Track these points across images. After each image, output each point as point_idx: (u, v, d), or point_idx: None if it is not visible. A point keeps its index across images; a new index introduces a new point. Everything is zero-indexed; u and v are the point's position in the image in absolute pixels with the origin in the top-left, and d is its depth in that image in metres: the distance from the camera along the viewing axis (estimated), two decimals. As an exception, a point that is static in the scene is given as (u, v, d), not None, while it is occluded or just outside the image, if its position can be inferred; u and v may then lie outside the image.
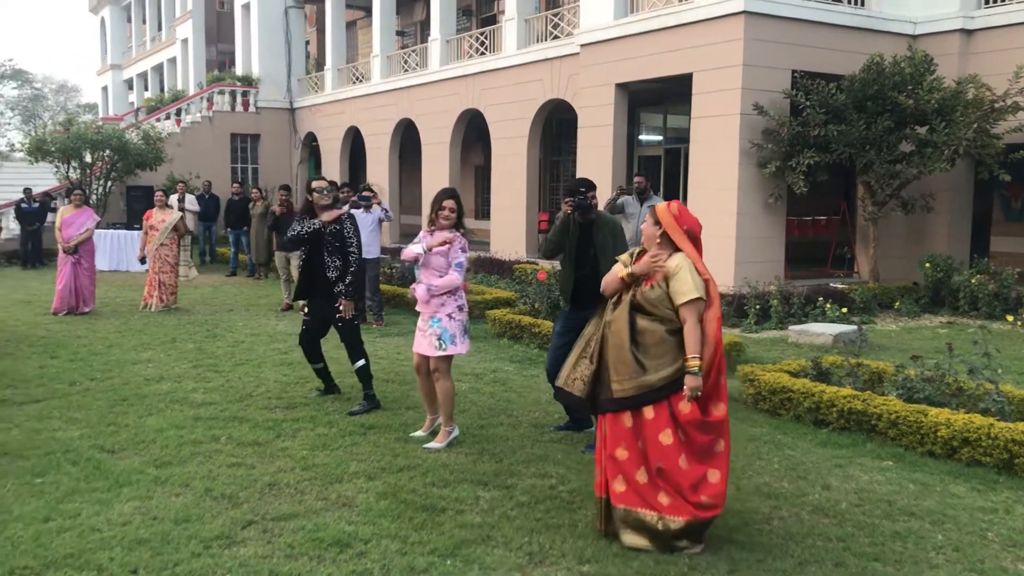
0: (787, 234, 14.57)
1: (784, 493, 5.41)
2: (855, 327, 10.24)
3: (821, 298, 12.26)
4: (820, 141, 13.27)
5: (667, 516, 4.43)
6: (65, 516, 4.77)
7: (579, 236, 6.37)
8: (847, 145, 13.25)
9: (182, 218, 13.72)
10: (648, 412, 4.49)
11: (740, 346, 9.42)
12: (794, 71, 13.71)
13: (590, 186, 6.33)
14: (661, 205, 4.77)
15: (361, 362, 7.24)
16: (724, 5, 13.45)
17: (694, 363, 4.40)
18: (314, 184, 7.37)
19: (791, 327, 11.13)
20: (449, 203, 6.23)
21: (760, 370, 7.70)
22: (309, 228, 7.20)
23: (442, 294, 6.17)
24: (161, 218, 13.17)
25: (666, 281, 4.53)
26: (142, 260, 13.39)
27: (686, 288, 4.47)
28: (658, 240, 4.66)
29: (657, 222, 4.69)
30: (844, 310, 11.81)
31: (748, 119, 13.42)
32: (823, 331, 10.59)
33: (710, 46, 13.78)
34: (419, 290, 6.21)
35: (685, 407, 4.42)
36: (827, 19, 14.08)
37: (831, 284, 13.81)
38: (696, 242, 4.66)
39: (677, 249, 4.62)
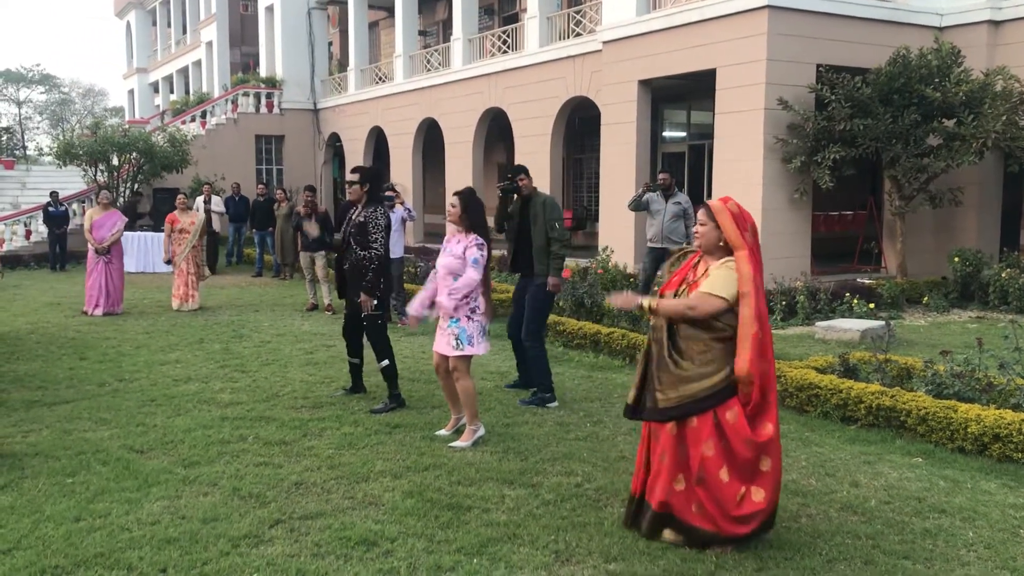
0: (813, 229, 14.47)
1: (812, 490, 5.37)
2: (883, 322, 10.13)
3: (848, 294, 12.15)
4: (846, 135, 13.16)
5: (701, 527, 4.39)
6: (95, 516, 4.82)
7: (519, 212, 7.64)
8: (873, 139, 13.13)
9: (204, 220, 13.85)
10: (693, 420, 4.39)
11: (766, 343, 9.34)
12: (819, 65, 13.60)
13: (519, 171, 7.65)
14: (717, 203, 4.49)
15: (385, 362, 7.25)
16: (748, 0, 13.37)
17: (649, 302, 4.49)
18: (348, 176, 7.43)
19: (818, 323, 11.04)
20: (451, 199, 6.34)
21: (787, 366, 7.64)
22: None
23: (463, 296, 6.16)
24: (190, 220, 13.28)
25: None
26: (168, 262, 13.52)
27: (712, 284, 4.39)
28: (721, 244, 4.45)
29: (717, 226, 4.42)
30: (871, 305, 11.70)
31: (772, 114, 13.33)
32: (850, 327, 10.50)
33: (733, 41, 13.70)
34: (443, 303, 6.18)
35: (732, 417, 4.34)
36: (852, 12, 13.95)
37: (858, 279, 13.70)
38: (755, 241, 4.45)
39: (728, 253, 4.42)
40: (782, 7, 13.26)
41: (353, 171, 7.49)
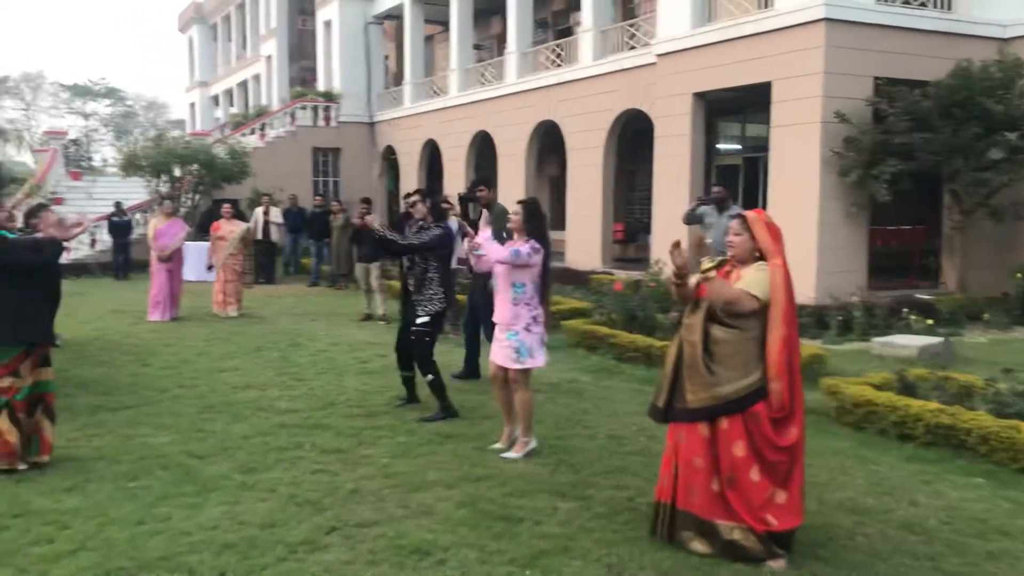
0: (870, 244, 14.24)
1: (869, 508, 5.30)
2: (942, 339, 9.96)
3: (905, 309, 11.94)
4: (904, 149, 12.95)
5: (736, 525, 4.41)
6: (157, 519, 4.95)
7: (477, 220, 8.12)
8: (933, 153, 12.90)
9: (250, 229, 14.16)
10: (723, 422, 4.45)
11: (822, 358, 9.24)
12: (877, 78, 13.41)
13: (478, 183, 9.05)
14: (752, 214, 4.64)
15: (430, 376, 7.29)
16: (804, 12, 13.27)
17: (698, 278, 4.53)
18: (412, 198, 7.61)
19: (874, 339, 10.87)
20: (514, 207, 6.37)
21: (843, 383, 7.55)
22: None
23: (518, 305, 6.17)
24: (230, 229, 13.63)
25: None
26: (210, 268, 13.90)
27: (748, 284, 4.44)
28: (755, 254, 4.55)
29: (752, 236, 4.55)
30: (930, 322, 11.47)
31: (829, 127, 13.18)
32: (908, 343, 10.31)
33: (790, 54, 13.59)
34: (500, 317, 6.27)
35: (760, 420, 4.37)
36: (911, 24, 13.75)
37: (916, 295, 13.43)
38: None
39: (761, 260, 4.54)
40: (839, 20, 13.12)
41: (414, 192, 7.72)
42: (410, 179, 26.93)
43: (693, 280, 4.57)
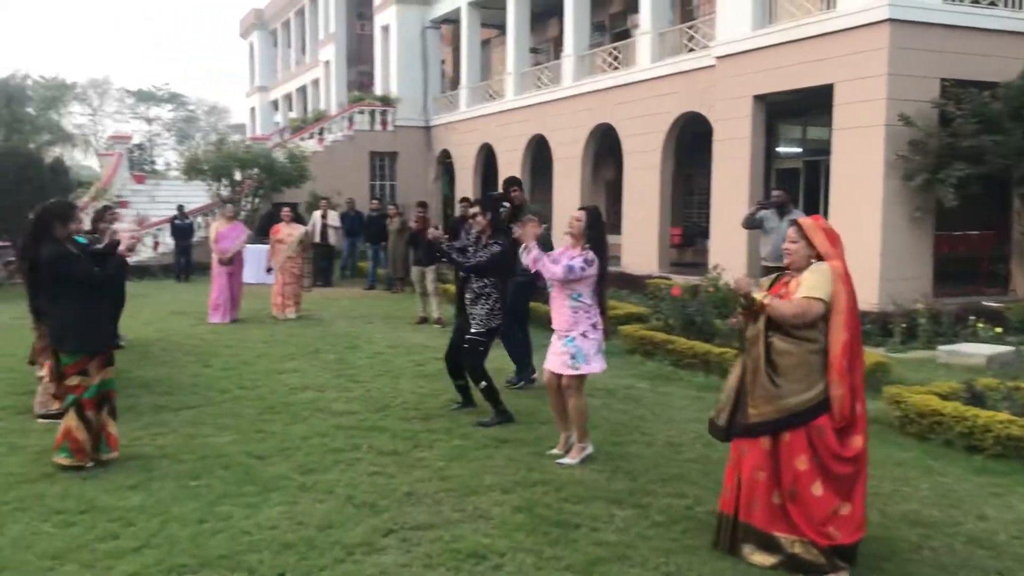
0: (935, 250, 13.90)
1: (935, 521, 5.16)
2: (1011, 348, 9.67)
3: (972, 317, 11.63)
4: (972, 152, 12.61)
5: (798, 539, 4.33)
6: (218, 518, 5.02)
7: (511, 220, 8.14)
8: (1002, 156, 12.56)
9: (308, 233, 14.33)
10: (785, 435, 4.37)
11: (885, 366, 9.05)
12: (943, 79, 13.10)
13: (512, 183, 9.39)
14: (808, 221, 4.57)
15: (483, 384, 7.30)
16: (868, 13, 13.02)
17: (762, 296, 4.44)
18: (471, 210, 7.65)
19: (940, 347, 10.61)
20: (576, 213, 6.33)
21: (908, 392, 7.37)
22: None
23: (576, 312, 6.14)
24: (288, 232, 13.81)
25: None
26: (269, 270, 14.11)
27: (809, 288, 4.35)
28: (812, 262, 4.47)
29: (809, 243, 4.47)
30: (999, 330, 11.15)
31: (893, 130, 12.91)
32: (975, 352, 10.04)
33: (853, 55, 13.34)
34: (557, 325, 6.25)
35: (824, 432, 4.29)
36: (980, 24, 13.40)
37: (984, 302, 13.07)
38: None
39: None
40: (905, 20, 12.84)
41: (473, 203, 7.74)
42: (465, 183, 27.04)
43: (759, 297, 4.48)
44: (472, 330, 7.27)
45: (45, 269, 5.90)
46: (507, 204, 8.76)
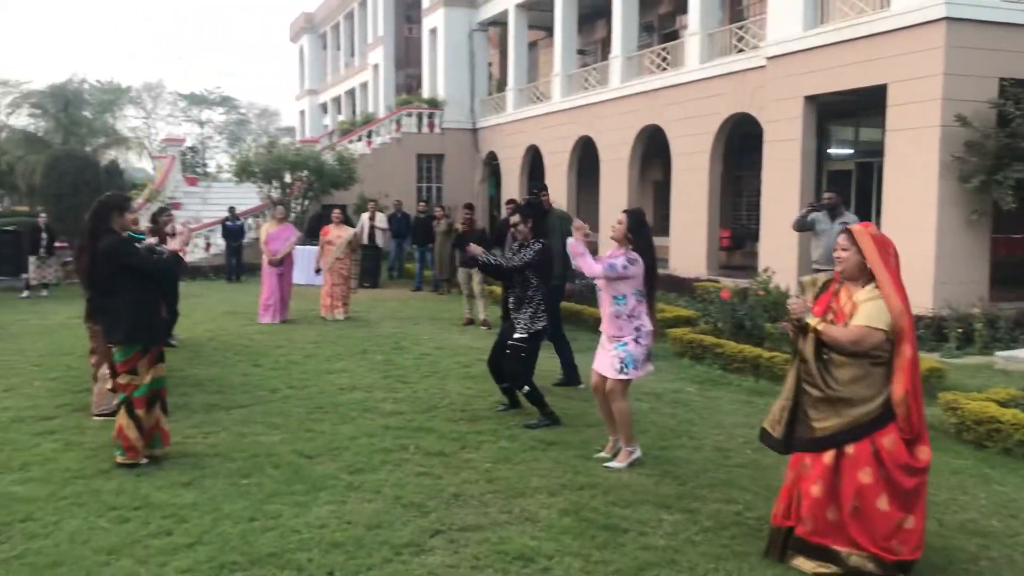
0: (992, 253, 13.58)
1: (993, 531, 5.04)
2: (1073, 354, 9.40)
3: (1032, 322, 11.35)
4: (1032, 153, 12.31)
5: (855, 553, 4.25)
6: (268, 516, 5.07)
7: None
8: (1063, 157, 12.22)
9: (356, 235, 14.43)
10: (849, 448, 4.28)
11: (940, 372, 8.86)
12: (1001, 79, 12.79)
13: (540, 188, 9.78)
14: (858, 228, 4.48)
15: (526, 388, 7.29)
16: (923, 12, 12.77)
17: (816, 322, 4.35)
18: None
19: (997, 353, 10.37)
20: (620, 215, 6.28)
21: (964, 398, 7.21)
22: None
23: (619, 317, 6.10)
24: (338, 234, 13.93)
25: (851, 317, 4.32)
26: (318, 271, 14.26)
27: (869, 318, 4.25)
28: (866, 268, 4.39)
29: (859, 251, 4.38)
30: (1059, 335, 10.88)
31: (949, 131, 12.64)
32: (1035, 358, 9.80)
33: (907, 55, 13.09)
34: (605, 329, 6.22)
35: (890, 444, 4.20)
36: (1040, 22, 13.06)
37: (1043, 307, 12.76)
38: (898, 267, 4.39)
39: (871, 279, 4.36)
40: (961, 19, 12.57)
41: (513, 211, 7.72)
42: (512, 185, 27.05)
43: (812, 323, 4.40)
44: (516, 335, 7.28)
45: (103, 260, 5.95)
46: (540, 206, 9.23)
